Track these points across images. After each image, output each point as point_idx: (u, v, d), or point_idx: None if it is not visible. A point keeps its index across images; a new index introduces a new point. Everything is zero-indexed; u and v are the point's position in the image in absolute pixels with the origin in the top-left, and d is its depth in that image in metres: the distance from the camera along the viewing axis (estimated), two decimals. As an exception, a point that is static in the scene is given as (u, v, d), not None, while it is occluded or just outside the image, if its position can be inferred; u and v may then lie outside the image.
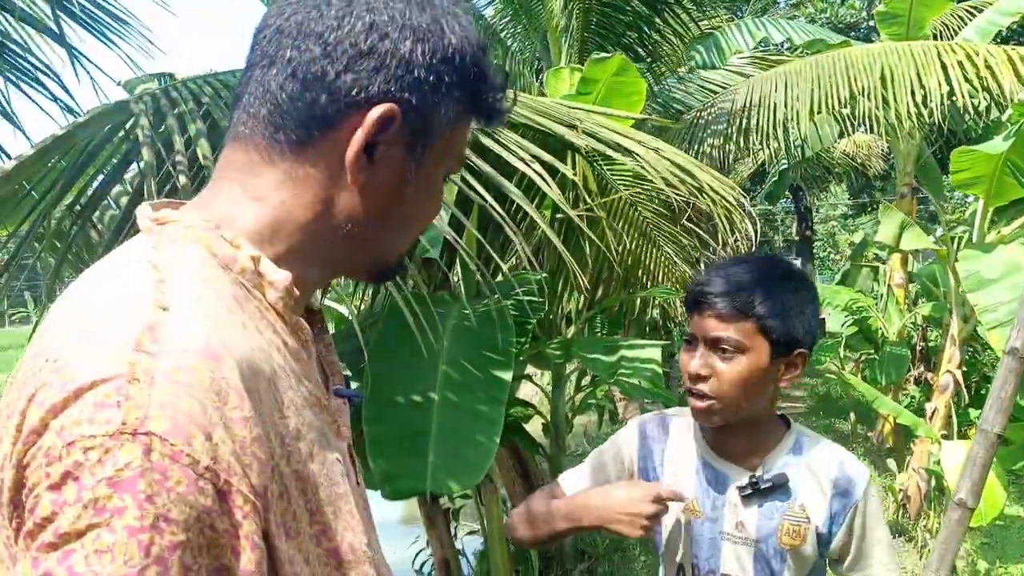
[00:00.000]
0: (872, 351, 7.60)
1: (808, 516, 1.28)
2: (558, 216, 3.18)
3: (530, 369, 4.86)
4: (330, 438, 0.70)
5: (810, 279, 1.34)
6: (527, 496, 4.62)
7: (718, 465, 1.33)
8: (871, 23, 7.13)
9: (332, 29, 0.66)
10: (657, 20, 6.75)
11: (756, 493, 1.29)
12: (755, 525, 1.29)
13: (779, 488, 1.28)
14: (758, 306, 1.22)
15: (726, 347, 1.23)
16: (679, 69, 7.60)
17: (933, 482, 5.37)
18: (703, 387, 1.24)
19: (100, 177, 2.25)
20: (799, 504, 1.29)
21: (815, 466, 1.31)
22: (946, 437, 4.97)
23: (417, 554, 4.60)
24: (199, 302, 0.60)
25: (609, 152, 2.61)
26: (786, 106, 5.64)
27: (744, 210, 2.98)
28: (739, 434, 1.31)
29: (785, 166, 9.26)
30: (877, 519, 1.32)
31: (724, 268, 1.29)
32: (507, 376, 2.72)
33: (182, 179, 1.76)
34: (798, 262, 22.86)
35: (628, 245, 4.18)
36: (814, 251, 24.93)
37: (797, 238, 19.76)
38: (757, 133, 5.76)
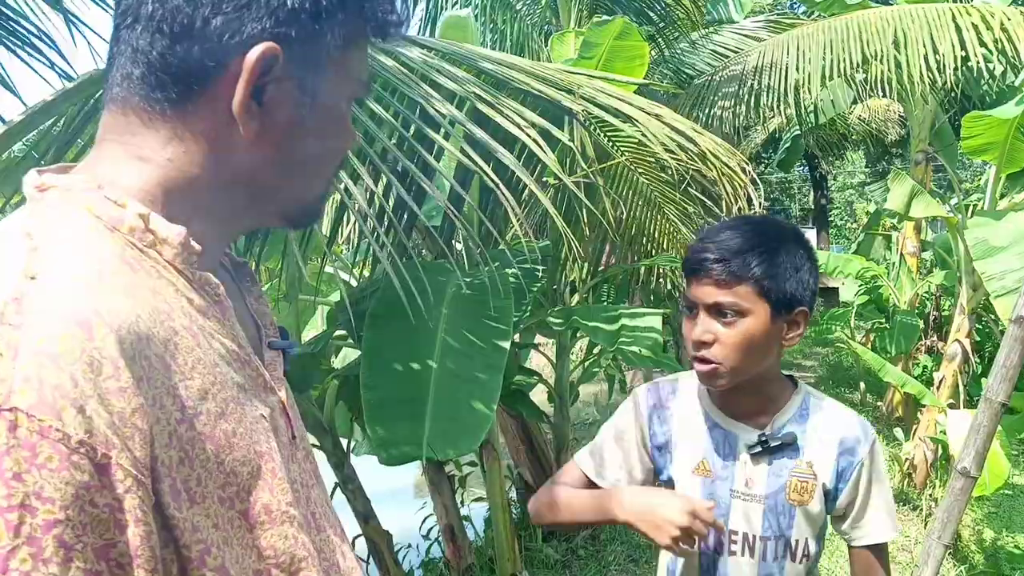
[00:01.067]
0: (883, 320, 7.55)
1: (815, 473, 1.31)
2: (556, 183, 3.15)
3: (539, 339, 4.87)
4: (254, 393, 0.68)
5: (805, 237, 1.33)
6: (530, 464, 4.63)
7: (727, 425, 1.35)
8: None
9: None
10: (669, -19, 6.63)
11: (765, 451, 1.31)
12: (764, 482, 1.31)
13: (788, 446, 1.31)
14: (754, 268, 1.22)
15: (726, 312, 1.24)
16: (692, 34, 7.48)
17: (940, 451, 5.36)
18: (706, 353, 1.25)
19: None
20: (807, 461, 1.31)
21: (822, 425, 1.34)
22: (953, 406, 4.94)
23: (424, 520, 4.66)
24: (74, 268, 0.57)
25: (607, 118, 2.58)
26: (798, 70, 5.56)
27: (748, 176, 2.94)
28: (747, 394, 1.32)
29: (797, 133, 9.14)
30: (881, 477, 1.35)
31: (718, 233, 1.28)
32: (505, 344, 2.72)
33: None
34: (813, 231, 22.67)
35: (633, 212, 4.15)
36: (831, 220, 24.70)
37: (813, 207, 19.56)
38: (768, 96, 5.68)
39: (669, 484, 1.39)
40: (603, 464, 1.44)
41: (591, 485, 1.43)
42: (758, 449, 1.31)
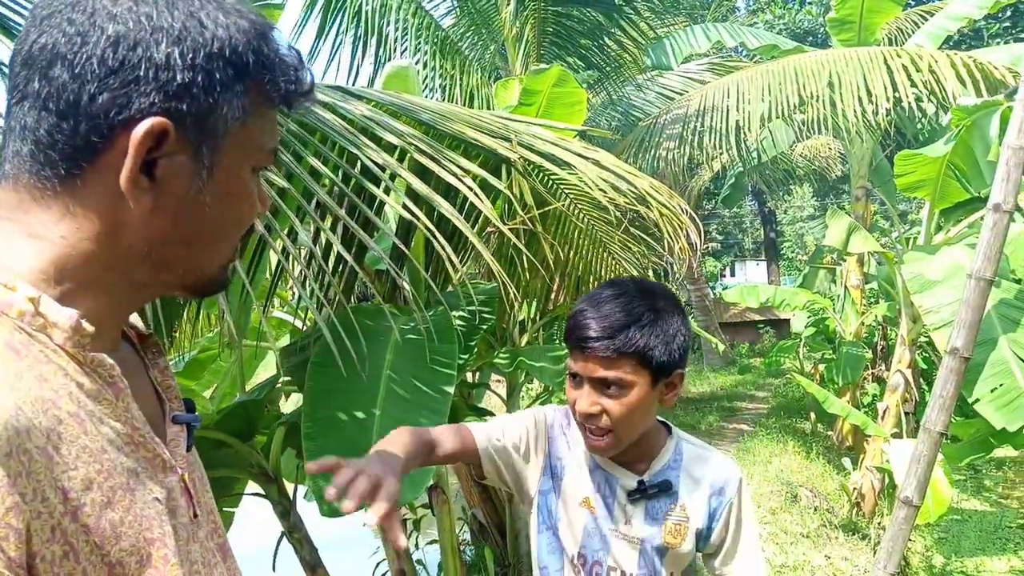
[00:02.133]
0: (831, 351, 7.71)
1: (688, 516, 1.36)
2: (491, 229, 3.19)
3: (493, 378, 4.87)
4: (149, 475, 0.66)
5: (676, 298, 1.37)
6: (483, 505, 4.61)
7: (609, 468, 1.39)
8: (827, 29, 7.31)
9: (77, 48, 0.60)
10: (614, 29, 6.80)
11: (643, 496, 1.36)
12: (641, 524, 1.36)
13: (664, 492, 1.36)
14: (637, 342, 1.25)
15: (611, 385, 1.27)
16: (638, 76, 7.67)
17: (886, 480, 5.46)
18: (597, 423, 1.28)
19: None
20: (681, 505, 1.37)
21: (695, 469, 1.39)
22: (897, 435, 5.05)
23: (378, 565, 4.59)
24: None
25: (545, 164, 2.63)
26: (739, 111, 5.73)
27: (686, 215, 3.02)
28: (628, 446, 1.37)
29: (741, 170, 9.39)
30: (748, 515, 1.40)
31: (597, 308, 1.29)
32: (450, 388, 2.71)
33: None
34: (764, 264, 23.06)
35: (580, 252, 4.21)
36: (781, 252, 25.22)
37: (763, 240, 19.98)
38: (711, 138, 5.84)
39: (549, 504, 1.41)
40: (500, 434, 1.42)
41: (476, 450, 1.40)
42: (636, 496, 1.36)
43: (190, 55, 0.62)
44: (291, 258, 2.30)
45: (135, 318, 0.78)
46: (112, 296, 0.67)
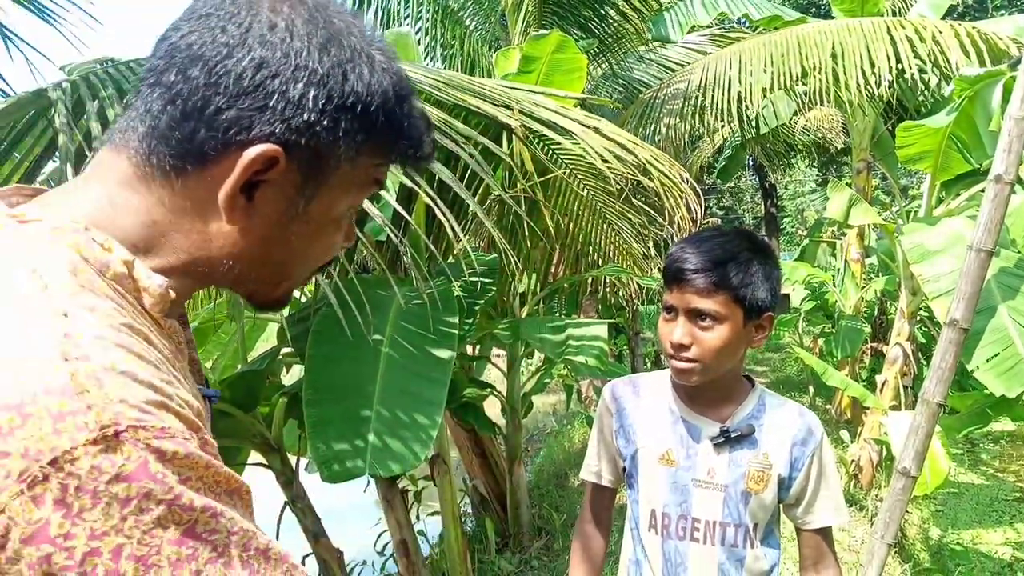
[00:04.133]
0: (830, 325, 7.72)
1: (771, 463, 1.41)
2: (495, 196, 3.18)
3: (494, 352, 4.89)
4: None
5: (771, 247, 1.44)
6: (484, 476, 4.64)
7: (692, 419, 1.45)
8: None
9: (221, 59, 0.62)
10: (615, -3, 6.71)
11: (726, 442, 1.41)
12: (725, 471, 1.41)
13: (746, 438, 1.41)
14: (732, 279, 1.32)
15: (705, 317, 1.34)
16: (640, 48, 7.60)
17: (884, 452, 5.49)
18: (687, 354, 1.36)
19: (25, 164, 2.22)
20: (763, 452, 1.41)
21: (777, 419, 1.45)
22: (895, 408, 5.07)
23: (380, 535, 4.63)
24: (85, 302, 0.57)
25: (546, 132, 2.62)
26: (740, 83, 5.69)
27: (687, 185, 3.01)
28: (711, 391, 1.44)
29: (739, 143, 9.33)
30: (830, 467, 1.46)
31: (698, 244, 1.37)
32: (448, 356, 2.73)
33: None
34: (764, 238, 23.05)
35: (580, 223, 4.21)
36: (782, 227, 25.17)
37: (764, 215, 19.93)
38: (712, 111, 5.80)
39: (632, 472, 1.50)
40: (594, 462, 1.59)
41: (600, 489, 1.60)
42: (720, 440, 1.41)
43: (323, 101, 0.64)
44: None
45: None
46: (187, 278, 0.68)
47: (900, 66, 5.11)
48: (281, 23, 0.64)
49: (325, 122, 0.64)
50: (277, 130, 0.63)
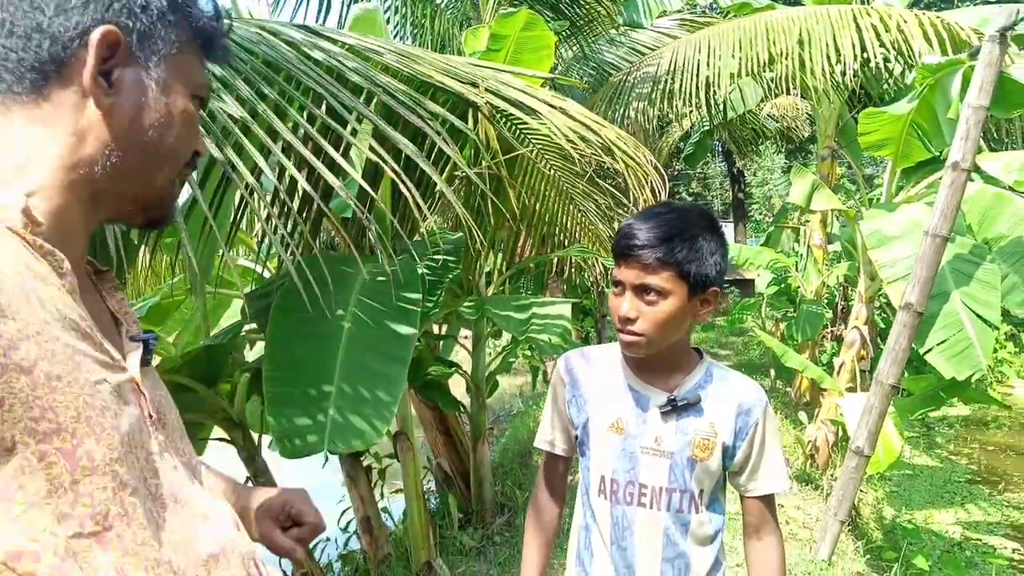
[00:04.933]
0: (792, 309, 7.85)
1: (716, 432, 1.45)
2: (461, 175, 3.19)
3: (463, 332, 4.90)
4: (94, 362, 0.70)
5: (718, 223, 1.48)
6: (448, 454, 4.65)
7: (641, 389, 1.49)
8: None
9: None
10: (587, -21, 6.70)
11: (673, 411, 1.45)
12: (672, 439, 1.45)
13: (693, 406, 1.45)
14: (678, 254, 1.36)
15: (651, 291, 1.38)
16: (611, 30, 7.61)
17: (840, 433, 5.61)
18: (633, 327, 1.40)
19: None
20: (709, 421, 1.45)
21: (723, 389, 1.49)
22: (851, 390, 5.18)
23: (343, 512, 4.65)
24: None
25: (512, 111, 2.62)
26: (709, 67, 5.72)
27: (652, 167, 3.04)
28: (659, 362, 1.48)
29: (706, 129, 9.40)
30: (773, 436, 1.50)
31: (645, 220, 1.41)
32: (410, 333, 2.74)
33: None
34: (731, 225, 23.28)
35: (546, 204, 4.22)
36: (749, 213, 25.43)
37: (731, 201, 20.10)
38: (681, 96, 5.84)
39: (583, 440, 1.55)
40: (548, 431, 1.64)
41: (554, 457, 1.64)
42: (667, 408, 1.45)
43: None
44: (256, 197, 2.28)
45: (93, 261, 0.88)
46: (72, 201, 0.75)
47: (865, 54, 5.18)
48: None
49: (140, 2, 0.77)
50: (107, 15, 0.74)
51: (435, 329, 4.55)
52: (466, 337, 4.88)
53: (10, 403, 0.60)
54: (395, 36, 6.40)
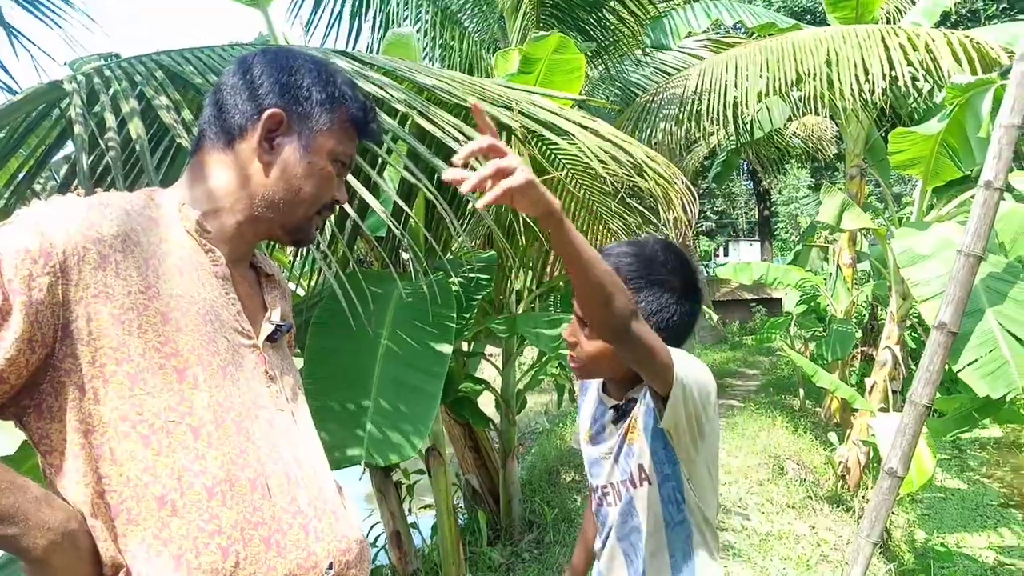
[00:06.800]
0: (821, 329, 7.79)
1: (639, 411, 1.49)
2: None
3: (488, 350, 4.94)
4: (227, 325, 1.04)
5: (687, 268, 1.50)
6: (478, 471, 4.68)
7: (604, 400, 1.59)
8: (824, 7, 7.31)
9: (240, 78, 1.11)
10: (614, 2, 6.76)
11: (619, 418, 1.53)
12: (617, 440, 1.52)
13: (628, 410, 1.51)
14: None
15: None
16: (636, 52, 7.66)
17: (871, 453, 5.56)
18: (570, 352, 1.52)
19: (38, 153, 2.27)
20: (633, 414, 1.50)
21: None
22: (884, 411, 5.14)
23: (372, 527, 4.68)
24: (105, 206, 0.97)
25: (545, 132, 2.67)
26: (736, 87, 5.75)
27: (683, 187, 3.06)
28: (617, 382, 1.56)
29: (732, 148, 9.40)
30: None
31: (607, 251, 1.48)
32: (447, 351, 2.78)
33: (112, 154, 1.80)
34: (757, 244, 23.13)
35: (576, 224, 4.26)
36: (775, 232, 25.28)
37: (757, 219, 20.00)
38: (708, 116, 5.86)
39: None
40: (575, 437, 1.76)
41: None
42: (614, 415, 1.53)
43: (300, 81, 1.11)
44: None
45: (268, 265, 1.22)
46: (234, 220, 1.09)
47: (893, 73, 5.18)
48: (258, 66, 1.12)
49: (302, 94, 1.10)
50: (277, 102, 1.09)
51: (463, 347, 4.59)
52: (492, 355, 4.92)
53: (145, 327, 0.94)
54: (424, 58, 6.50)
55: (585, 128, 2.77)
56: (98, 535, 0.88)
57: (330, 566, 1.02)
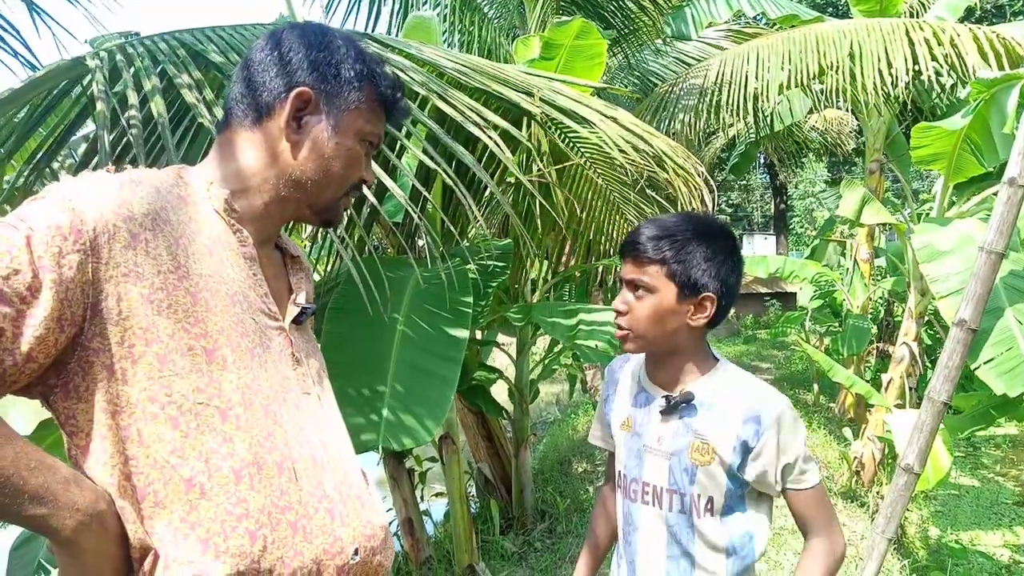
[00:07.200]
0: (837, 324, 7.74)
1: (715, 436, 1.43)
2: (515, 182, 3.22)
3: (501, 339, 4.94)
4: (254, 306, 1.03)
5: (732, 236, 1.48)
6: (490, 459, 4.68)
7: (649, 389, 1.53)
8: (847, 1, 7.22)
9: (268, 55, 1.08)
10: (634, -11, 6.70)
11: (672, 411, 1.47)
12: (671, 440, 1.47)
13: (691, 408, 1.45)
14: (666, 251, 1.40)
15: (638, 287, 1.42)
16: (656, 41, 7.60)
17: (886, 450, 5.52)
18: (620, 320, 1.46)
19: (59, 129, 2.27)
20: (708, 425, 1.44)
21: (731, 393, 1.46)
22: (900, 407, 5.10)
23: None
24: (136, 183, 0.96)
25: (565, 120, 2.65)
26: (757, 78, 5.70)
27: (701, 177, 3.04)
28: (664, 364, 1.51)
29: (752, 140, 9.33)
30: (791, 439, 1.43)
31: (651, 222, 1.46)
32: (463, 336, 2.78)
33: (134, 132, 1.79)
34: (774, 237, 23.01)
35: (592, 213, 4.24)
36: (790, 226, 25.12)
37: (773, 213, 19.88)
38: (728, 107, 5.81)
39: (612, 435, 1.62)
40: (595, 427, 1.72)
41: (610, 453, 1.68)
42: (664, 408, 1.47)
43: (328, 58, 1.08)
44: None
45: (293, 247, 1.22)
46: (262, 200, 1.08)
47: (917, 67, 5.12)
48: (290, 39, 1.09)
49: (332, 71, 1.07)
50: (306, 80, 1.06)
51: (477, 335, 4.59)
52: (506, 345, 4.91)
53: (175, 308, 0.92)
54: (444, 44, 6.48)
55: (605, 117, 2.75)
56: (126, 516, 0.87)
57: (356, 551, 1.02)
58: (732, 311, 1.54)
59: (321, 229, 1.20)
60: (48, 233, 0.84)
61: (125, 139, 2.14)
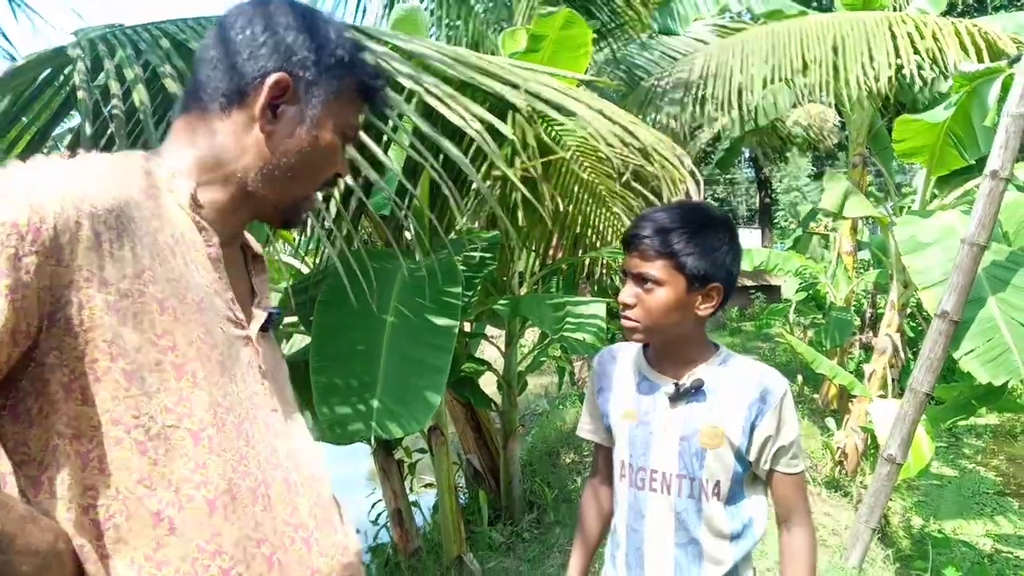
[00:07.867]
0: (820, 316, 7.81)
1: (724, 420, 1.45)
2: (501, 176, 3.22)
3: (490, 331, 4.95)
4: (219, 314, 0.91)
5: (731, 225, 1.50)
6: (479, 451, 4.69)
7: (652, 377, 1.54)
8: (831, -7, 7.27)
9: (241, 33, 0.96)
10: (622, -17, 6.70)
11: (680, 397, 1.48)
12: (679, 426, 1.48)
13: (701, 394, 1.47)
14: (674, 245, 1.40)
15: (647, 280, 1.42)
16: (642, 35, 7.61)
17: (869, 440, 5.59)
18: (629, 313, 1.46)
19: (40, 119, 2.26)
20: (717, 409, 1.46)
21: (737, 377, 1.48)
22: (883, 397, 5.16)
23: (373, 505, 4.71)
24: (97, 174, 0.85)
25: (551, 113, 2.66)
26: (742, 73, 5.72)
27: (687, 170, 3.05)
28: (670, 353, 1.53)
29: (737, 135, 9.38)
30: (791, 424, 1.49)
31: (653, 213, 1.46)
32: (453, 326, 2.78)
33: (116, 122, 1.79)
34: (759, 230, 23.14)
35: (579, 206, 4.25)
36: (775, 220, 25.28)
37: (758, 207, 19.97)
38: (713, 101, 5.83)
39: (608, 426, 1.61)
40: (586, 420, 1.71)
41: (598, 446, 1.70)
42: (674, 395, 1.48)
43: (309, 42, 0.98)
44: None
45: (256, 245, 1.10)
46: (228, 195, 0.97)
47: (900, 61, 5.15)
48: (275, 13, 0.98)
49: (312, 57, 0.97)
50: (283, 64, 0.95)
51: (465, 327, 4.59)
52: (494, 338, 4.93)
53: (141, 317, 0.81)
54: (430, 36, 6.46)
55: (592, 109, 2.76)
56: (85, 556, 0.77)
57: None
58: None
59: (302, 223, 1.07)
60: (2, 232, 0.73)
61: (109, 131, 2.13)
